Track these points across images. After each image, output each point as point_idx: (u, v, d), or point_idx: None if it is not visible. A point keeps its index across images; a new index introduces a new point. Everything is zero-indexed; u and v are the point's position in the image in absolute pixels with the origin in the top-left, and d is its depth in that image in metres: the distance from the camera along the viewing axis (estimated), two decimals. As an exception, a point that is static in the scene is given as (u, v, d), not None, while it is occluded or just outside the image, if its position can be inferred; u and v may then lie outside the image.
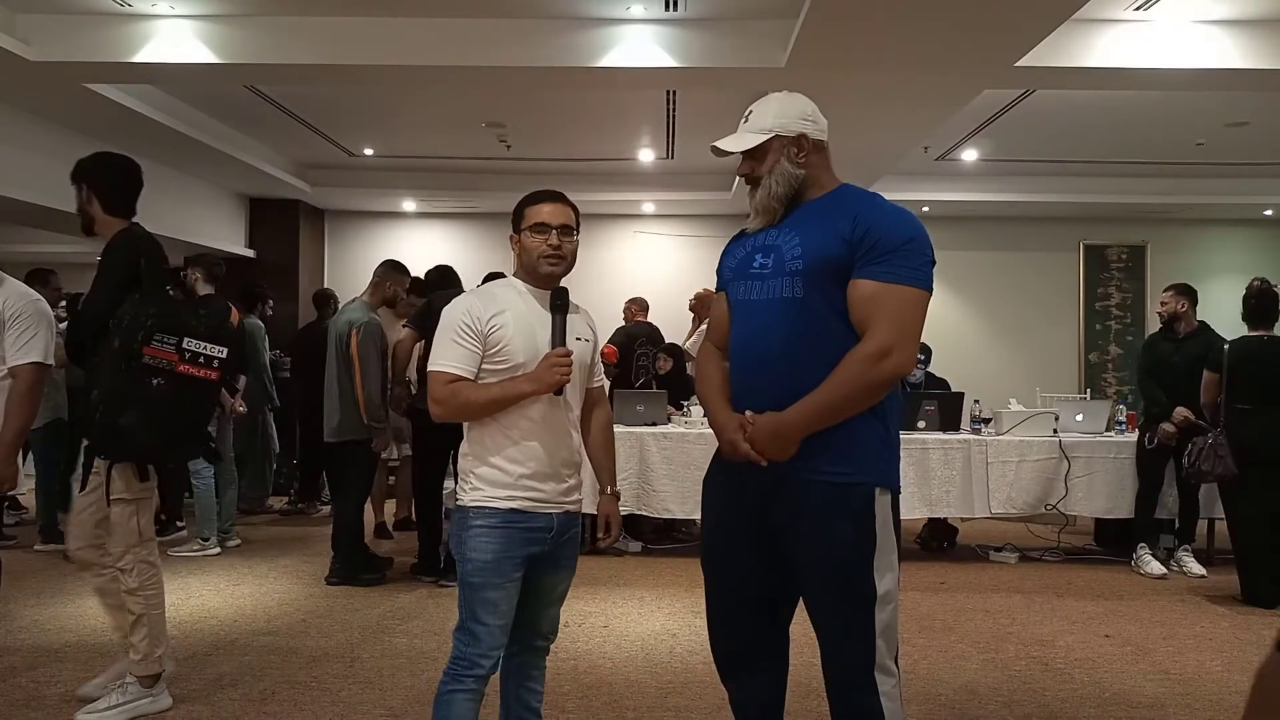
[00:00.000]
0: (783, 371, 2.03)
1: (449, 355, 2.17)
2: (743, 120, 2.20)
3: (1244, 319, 4.89)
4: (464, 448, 2.25)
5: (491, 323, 2.17)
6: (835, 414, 1.97)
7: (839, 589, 2.00)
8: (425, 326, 4.82)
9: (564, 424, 2.25)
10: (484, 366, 2.19)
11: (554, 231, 2.22)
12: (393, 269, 5.18)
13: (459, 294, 4.81)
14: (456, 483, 2.29)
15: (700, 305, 6.89)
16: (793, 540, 2.04)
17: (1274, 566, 4.65)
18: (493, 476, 2.18)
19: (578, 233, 2.29)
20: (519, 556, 2.17)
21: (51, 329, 3.10)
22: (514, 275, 2.33)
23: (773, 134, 2.11)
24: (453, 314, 2.20)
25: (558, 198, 2.29)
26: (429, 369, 2.21)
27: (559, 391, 2.19)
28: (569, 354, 2.18)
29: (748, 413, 2.03)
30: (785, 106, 2.16)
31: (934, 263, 2.04)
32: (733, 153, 2.16)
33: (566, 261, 2.26)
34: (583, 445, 2.36)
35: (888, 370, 1.94)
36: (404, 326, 5.07)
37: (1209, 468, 4.72)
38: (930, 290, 2.02)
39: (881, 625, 1.98)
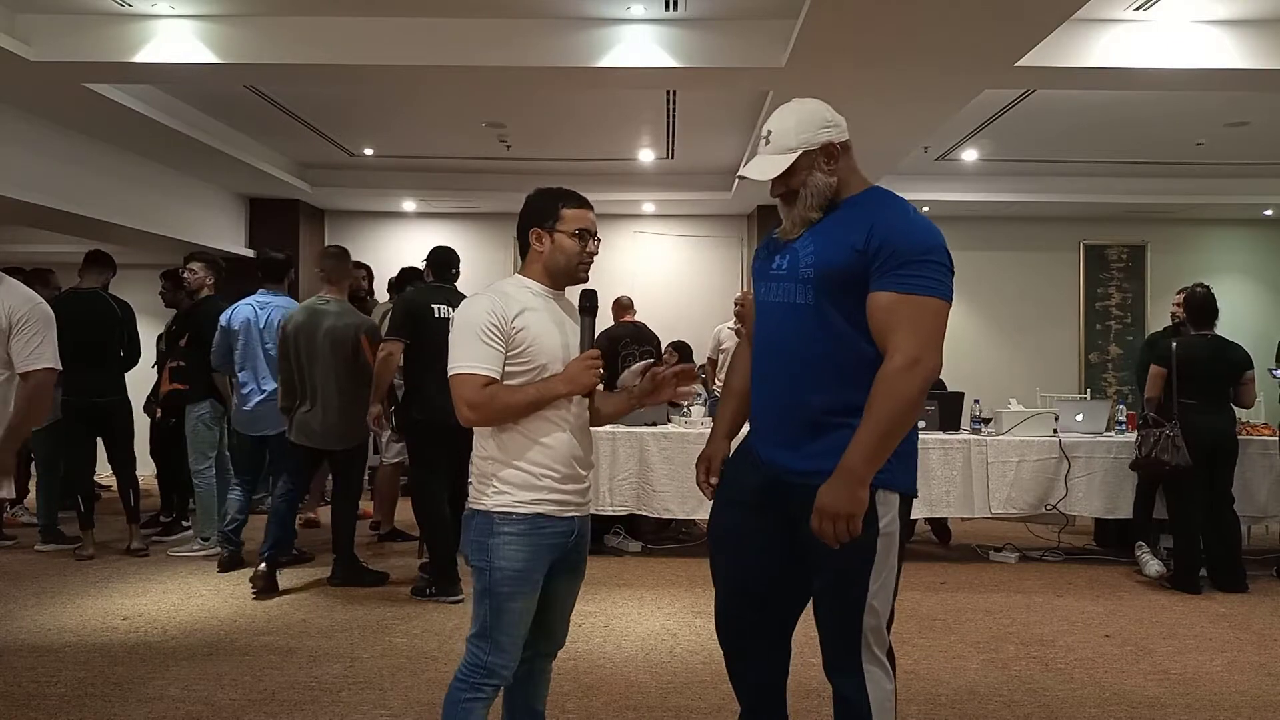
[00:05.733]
0: (788, 375, 2.09)
1: (478, 357, 2.11)
2: (762, 142, 2.13)
3: (1189, 321, 5.24)
4: (483, 451, 2.20)
5: (515, 323, 2.14)
6: (890, 437, 1.94)
7: (834, 583, 2.07)
8: (415, 333, 4.55)
9: (583, 424, 2.27)
10: (505, 368, 2.16)
11: (593, 239, 2.26)
12: (342, 260, 5.00)
13: (423, 289, 4.66)
14: (471, 486, 2.25)
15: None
16: (799, 534, 2.09)
17: (1202, 555, 4.98)
18: (519, 479, 2.15)
19: None
20: (545, 564, 2.17)
21: (55, 331, 3.10)
22: (520, 274, 2.28)
23: (799, 152, 2.07)
24: (475, 314, 2.14)
25: (589, 204, 2.30)
26: (456, 371, 2.12)
27: (611, 384, 2.21)
28: (600, 355, 2.19)
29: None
30: (804, 119, 2.10)
31: (953, 272, 2.00)
32: (762, 180, 2.12)
33: None
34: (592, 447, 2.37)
35: (921, 378, 1.93)
36: (388, 337, 4.64)
37: (1169, 458, 4.90)
38: (950, 300, 1.98)
39: (870, 624, 2.05)
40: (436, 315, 4.59)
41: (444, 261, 4.84)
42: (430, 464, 4.66)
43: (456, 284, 4.88)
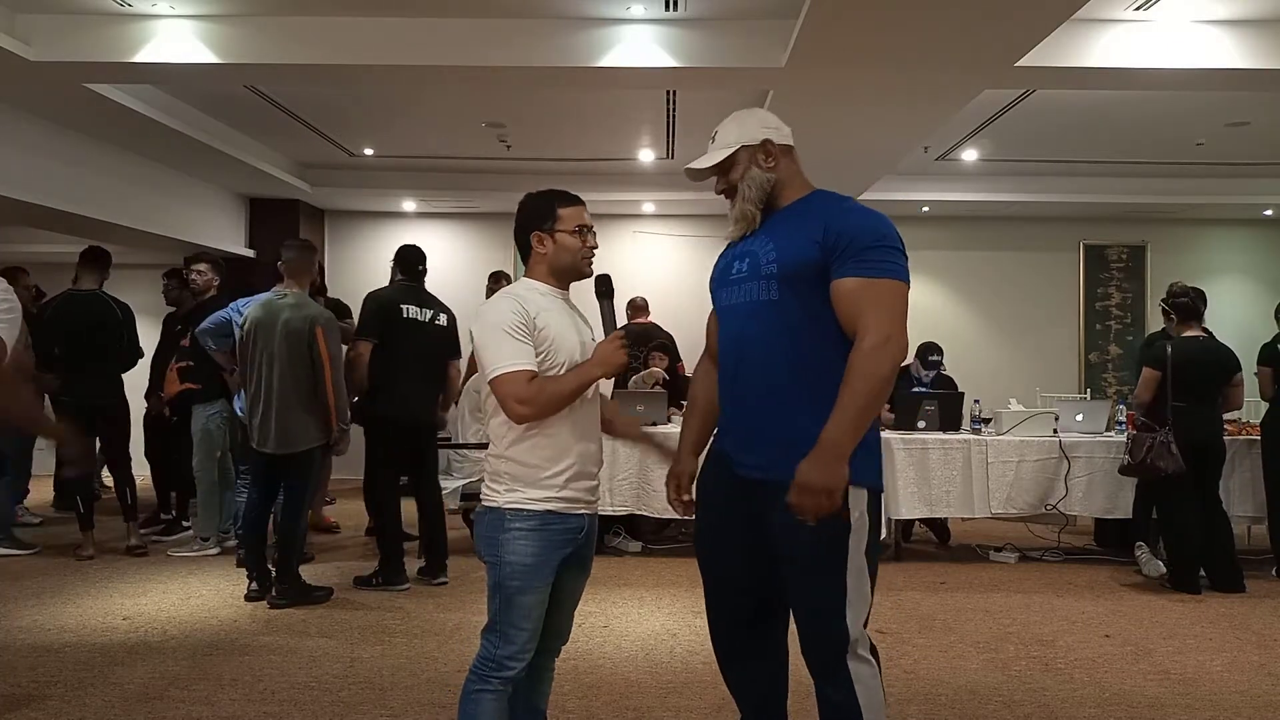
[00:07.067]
0: (760, 371, 2.14)
1: (517, 353, 2.13)
2: (710, 142, 2.32)
3: (1179, 321, 5.23)
4: (497, 450, 2.23)
5: (538, 321, 2.18)
6: (867, 412, 1.98)
7: (812, 583, 2.09)
8: (384, 332, 4.67)
9: (594, 424, 2.31)
10: None
11: (590, 233, 2.32)
12: (304, 253, 4.63)
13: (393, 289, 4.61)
14: (484, 484, 2.28)
15: None
16: (775, 535, 2.12)
17: (1200, 554, 4.96)
18: (530, 477, 2.18)
19: None
20: (555, 560, 2.20)
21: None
22: (525, 278, 2.33)
23: (738, 146, 2.22)
24: (500, 315, 2.16)
25: (581, 200, 2.37)
26: (498, 373, 2.12)
27: (622, 383, 2.29)
28: (623, 335, 2.25)
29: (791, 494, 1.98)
30: (746, 120, 2.28)
31: (907, 257, 2.09)
32: (706, 169, 2.29)
33: None
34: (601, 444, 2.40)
35: (893, 356, 2.00)
36: (358, 337, 4.72)
37: (1165, 464, 4.87)
38: (908, 282, 2.07)
39: (851, 620, 2.06)
40: (405, 315, 4.74)
41: (411, 260, 4.96)
42: (388, 459, 4.84)
43: (424, 283, 5.03)
